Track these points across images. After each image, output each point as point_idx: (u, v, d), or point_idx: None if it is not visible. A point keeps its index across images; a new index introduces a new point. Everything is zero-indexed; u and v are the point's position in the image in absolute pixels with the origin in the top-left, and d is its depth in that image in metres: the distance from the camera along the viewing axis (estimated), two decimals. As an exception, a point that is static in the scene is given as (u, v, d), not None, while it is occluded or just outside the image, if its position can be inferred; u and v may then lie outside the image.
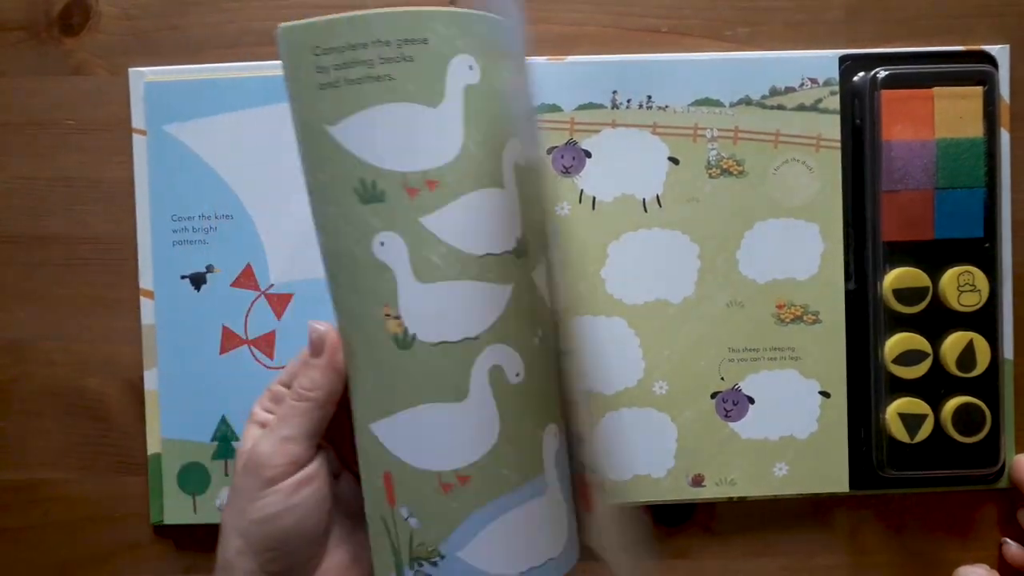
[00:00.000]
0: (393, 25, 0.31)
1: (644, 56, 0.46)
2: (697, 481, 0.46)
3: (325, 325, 0.34)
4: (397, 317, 0.32)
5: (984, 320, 0.45)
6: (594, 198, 0.45)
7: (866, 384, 0.46)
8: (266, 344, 0.45)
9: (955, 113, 0.44)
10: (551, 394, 0.35)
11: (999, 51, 0.46)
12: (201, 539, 0.46)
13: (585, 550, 0.37)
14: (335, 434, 0.36)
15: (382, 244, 0.32)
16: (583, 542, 0.37)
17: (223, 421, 0.45)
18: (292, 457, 0.33)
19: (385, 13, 0.31)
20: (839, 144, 0.45)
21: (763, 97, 0.45)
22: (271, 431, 0.34)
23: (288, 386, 0.36)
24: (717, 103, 0.45)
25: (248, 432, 0.35)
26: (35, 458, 0.47)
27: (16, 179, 0.47)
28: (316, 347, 0.34)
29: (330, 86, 0.31)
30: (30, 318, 0.47)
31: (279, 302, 0.45)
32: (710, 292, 0.46)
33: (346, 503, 0.36)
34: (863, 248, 0.46)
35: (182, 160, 0.45)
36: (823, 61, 0.46)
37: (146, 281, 0.46)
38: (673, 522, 0.48)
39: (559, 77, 0.45)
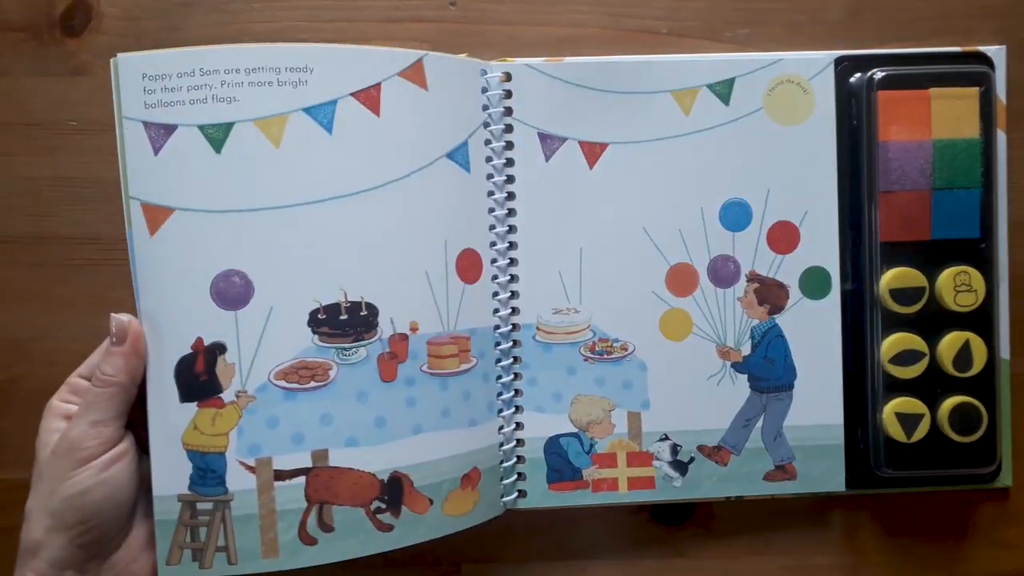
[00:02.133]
0: None
1: (644, 57, 0.46)
2: None
3: (127, 316, 0.39)
4: None
5: (980, 320, 0.45)
6: None
7: (863, 384, 0.46)
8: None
9: (951, 114, 0.45)
10: None
11: (995, 52, 0.46)
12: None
13: None
14: (137, 416, 0.39)
15: None
16: None
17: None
18: (104, 438, 0.37)
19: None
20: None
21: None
22: (80, 417, 0.37)
23: (87, 378, 0.39)
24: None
25: (47, 424, 0.38)
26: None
27: (17, 179, 0.47)
28: (120, 335, 0.38)
29: None
30: (30, 318, 0.47)
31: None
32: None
33: (149, 480, 0.39)
34: (860, 248, 0.46)
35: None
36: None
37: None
38: (673, 522, 0.48)
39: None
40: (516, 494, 0.46)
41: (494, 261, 0.45)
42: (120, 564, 0.38)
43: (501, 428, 0.45)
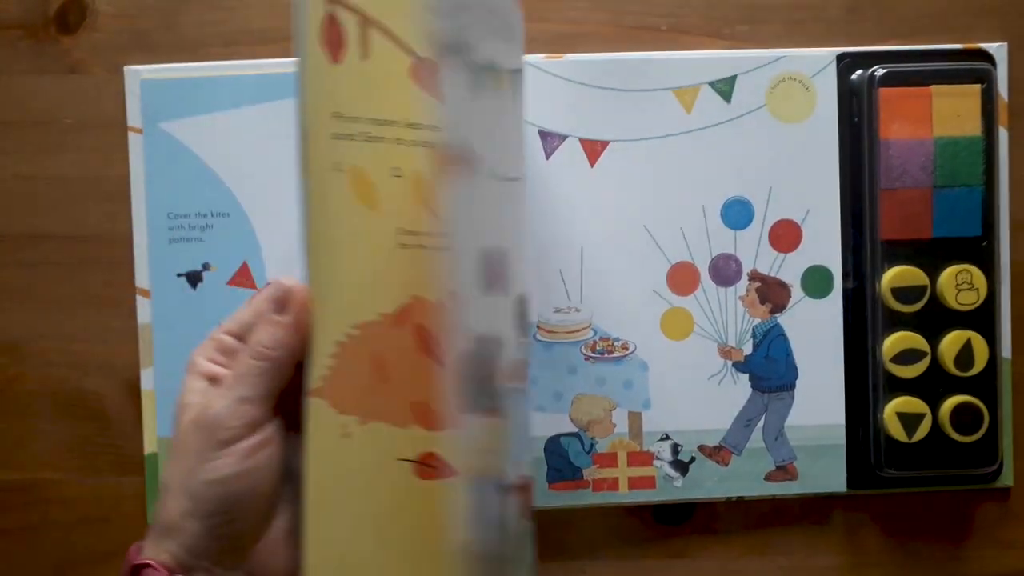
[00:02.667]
0: None
1: (643, 55, 0.46)
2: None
3: (292, 280, 0.33)
4: None
5: (982, 319, 0.45)
6: None
7: (864, 383, 0.46)
8: (264, 343, 0.45)
9: (953, 111, 0.44)
10: None
11: (997, 49, 0.46)
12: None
13: None
14: (287, 396, 0.34)
15: None
16: None
17: (221, 420, 0.45)
18: (249, 419, 0.32)
19: None
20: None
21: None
22: (227, 390, 0.32)
23: (237, 337, 0.34)
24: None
25: (191, 384, 0.33)
26: (32, 458, 0.47)
27: (13, 178, 0.47)
28: (281, 303, 0.32)
29: None
30: (27, 317, 0.47)
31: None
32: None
33: (293, 468, 0.34)
34: (861, 247, 0.46)
35: (178, 158, 0.45)
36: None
37: (142, 280, 0.46)
38: (673, 522, 0.48)
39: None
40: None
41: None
42: (260, 556, 0.33)
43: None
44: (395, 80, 0.32)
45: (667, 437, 0.46)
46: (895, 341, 0.45)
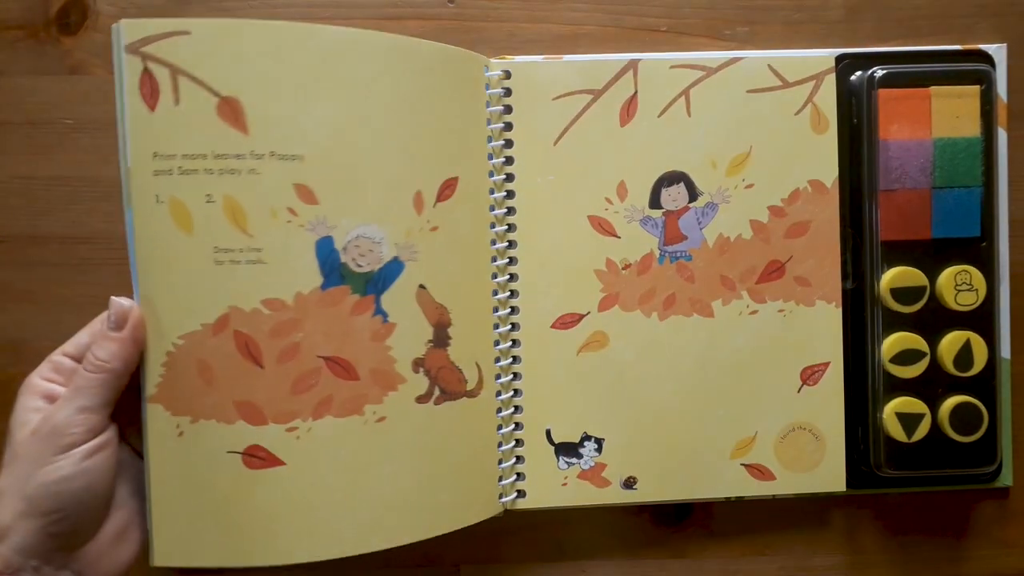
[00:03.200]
0: None
1: (644, 55, 0.46)
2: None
3: (129, 301, 0.37)
4: None
5: (981, 319, 0.45)
6: None
7: (864, 383, 0.46)
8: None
9: (952, 112, 0.44)
10: None
11: (996, 50, 0.46)
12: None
13: None
14: (121, 405, 0.38)
15: None
16: None
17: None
18: (89, 425, 0.35)
19: None
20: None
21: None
22: (67, 400, 0.36)
23: (73, 358, 0.38)
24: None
25: (26, 403, 0.37)
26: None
27: (14, 178, 0.47)
28: (119, 321, 0.37)
29: None
30: (28, 318, 0.47)
31: (277, 301, 0.45)
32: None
33: (126, 469, 0.39)
34: (861, 247, 0.46)
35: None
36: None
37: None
38: (673, 522, 0.48)
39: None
40: (515, 494, 0.45)
41: (494, 259, 0.45)
42: (89, 556, 0.36)
43: (500, 428, 0.45)
44: (203, 119, 0.37)
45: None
46: (894, 341, 0.45)
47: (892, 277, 0.45)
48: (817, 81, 0.45)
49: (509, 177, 0.45)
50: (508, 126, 0.45)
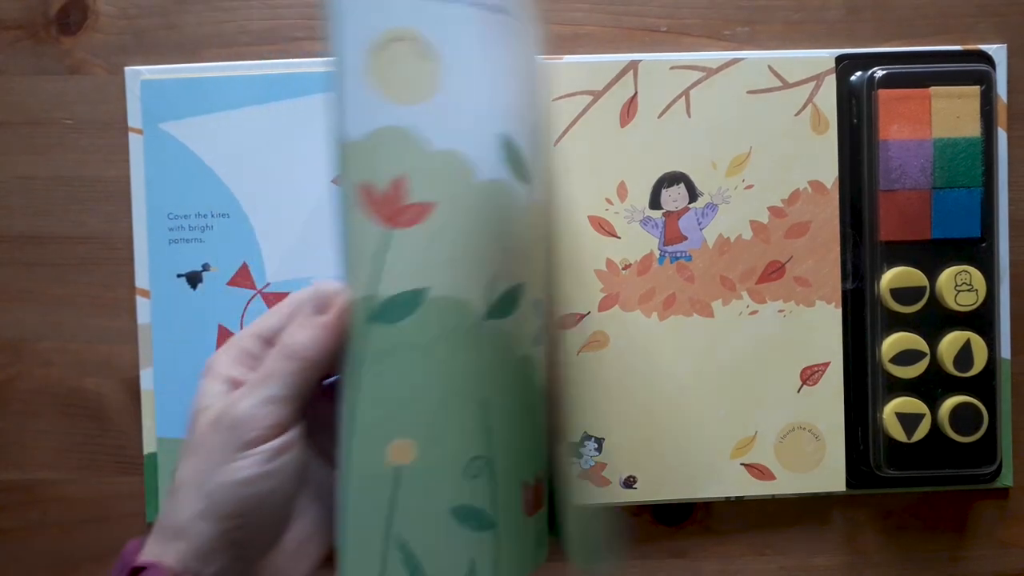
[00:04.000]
0: None
1: (643, 55, 0.46)
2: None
3: (336, 284, 0.32)
4: None
5: (981, 320, 0.45)
6: None
7: (864, 384, 0.46)
8: (264, 343, 0.45)
9: (952, 113, 0.44)
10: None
11: (996, 50, 0.46)
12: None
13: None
14: (312, 400, 0.33)
15: None
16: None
17: (220, 420, 0.45)
18: (277, 419, 0.30)
19: None
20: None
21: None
22: (253, 389, 0.31)
23: (262, 343, 0.33)
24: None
25: (209, 387, 0.32)
26: (32, 458, 0.47)
27: (13, 178, 0.47)
28: (322, 304, 0.31)
29: None
30: (27, 318, 0.47)
31: (275, 301, 0.45)
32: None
33: (310, 473, 0.33)
34: (860, 248, 0.46)
35: (178, 158, 0.45)
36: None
37: (142, 280, 0.46)
38: (673, 522, 0.48)
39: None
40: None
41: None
42: (272, 566, 0.32)
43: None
44: None
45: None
46: (894, 342, 0.45)
47: (892, 277, 0.45)
48: (817, 82, 0.45)
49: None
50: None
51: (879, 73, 0.45)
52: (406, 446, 0.31)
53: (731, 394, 0.46)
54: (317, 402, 0.33)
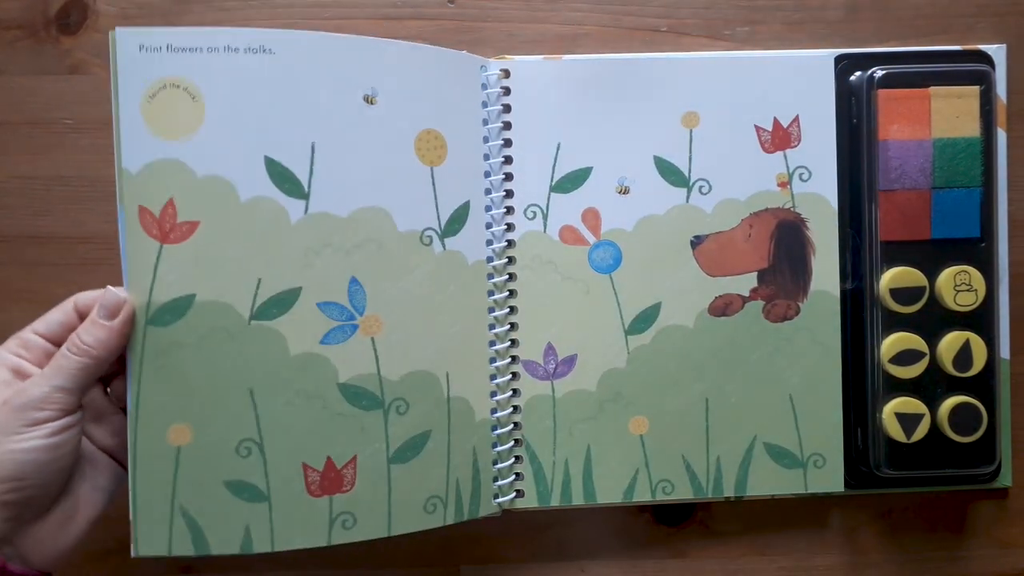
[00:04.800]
0: None
1: (643, 55, 0.46)
2: None
3: (124, 292, 0.38)
4: None
5: (981, 320, 0.45)
6: None
7: (863, 384, 0.46)
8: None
9: (952, 112, 0.44)
10: None
11: (996, 51, 0.46)
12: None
13: None
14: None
15: None
16: None
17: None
18: (63, 404, 0.36)
19: None
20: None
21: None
22: (45, 378, 0.36)
23: (43, 336, 0.39)
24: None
25: None
26: None
27: (13, 178, 0.47)
28: (112, 311, 0.37)
29: None
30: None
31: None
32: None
33: (100, 444, 0.40)
34: (860, 247, 0.46)
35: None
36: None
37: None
38: (673, 522, 0.48)
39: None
40: (514, 494, 0.45)
41: (490, 260, 0.45)
42: (35, 536, 0.37)
43: (496, 428, 0.45)
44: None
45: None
46: (894, 342, 0.45)
47: (892, 277, 0.45)
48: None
49: (508, 177, 0.45)
50: (507, 125, 0.45)
51: (879, 73, 0.45)
52: (183, 430, 0.39)
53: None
54: (95, 393, 0.40)
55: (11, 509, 0.36)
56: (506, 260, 0.45)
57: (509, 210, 0.45)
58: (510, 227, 0.45)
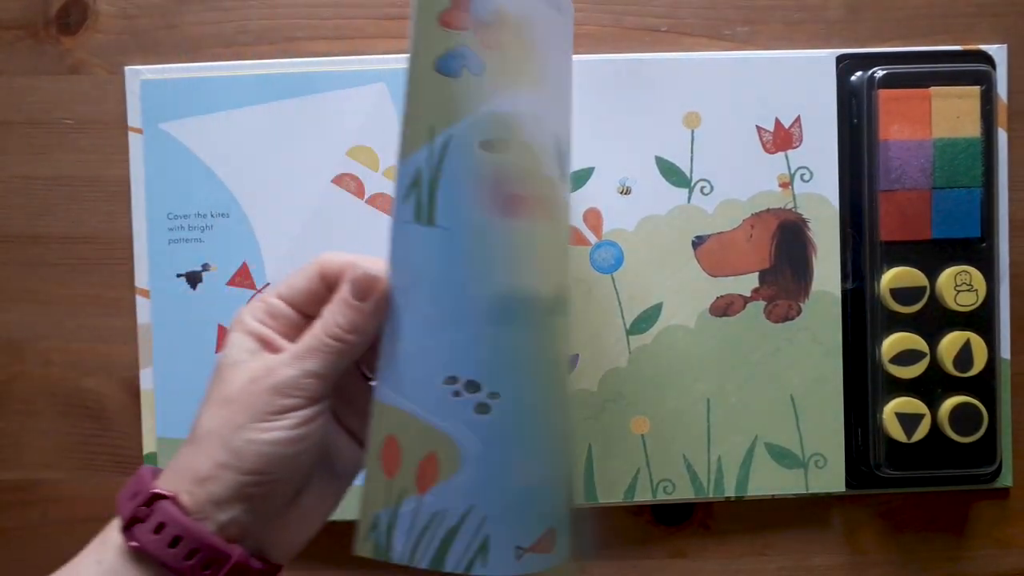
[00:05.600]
0: None
1: (643, 55, 0.46)
2: None
3: (376, 267, 0.32)
4: None
5: (981, 320, 0.45)
6: None
7: (864, 384, 0.46)
8: (264, 343, 0.46)
9: (952, 113, 0.44)
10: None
11: (997, 51, 0.46)
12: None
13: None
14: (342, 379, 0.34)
15: None
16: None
17: (221, 420, 0.46)
18: (313, 392, 0.32)
19: None
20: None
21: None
22: (296, 360, 0.32)
23: (288, 303, 0.34)
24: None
25: (238, 341, 0.33)
26: (32, 458, 0.47)
27: (13, 178, 0.47)
28: (363, 290, 0.32)
29: None
30: (27, 317, 0.47)
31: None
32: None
33: (330, 447, 0.35)
34: (861, 248, 0.46)
35: (178, 158, 0.45)
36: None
37: (142, 280, 0.46)
38: (672, 522, 0.48)
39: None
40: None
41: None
42: (274, 530, 0.33)
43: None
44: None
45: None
46: (894, 342, 0.45)
47: (892, 277, 0.45)
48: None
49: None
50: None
51: (879, 73, 0.45)
52: None
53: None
54: (347, 380, 0.34)
55: (252, 502, 0.32)
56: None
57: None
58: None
